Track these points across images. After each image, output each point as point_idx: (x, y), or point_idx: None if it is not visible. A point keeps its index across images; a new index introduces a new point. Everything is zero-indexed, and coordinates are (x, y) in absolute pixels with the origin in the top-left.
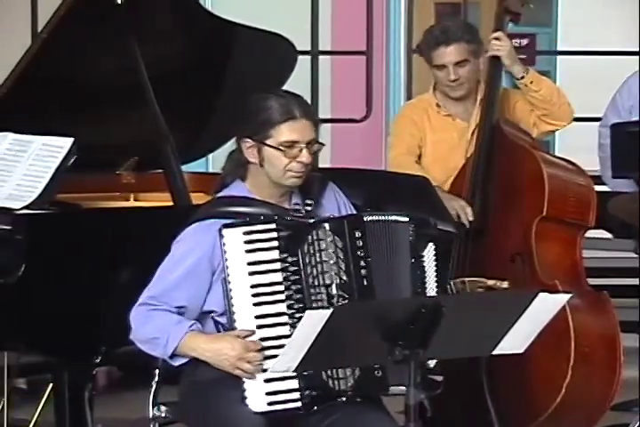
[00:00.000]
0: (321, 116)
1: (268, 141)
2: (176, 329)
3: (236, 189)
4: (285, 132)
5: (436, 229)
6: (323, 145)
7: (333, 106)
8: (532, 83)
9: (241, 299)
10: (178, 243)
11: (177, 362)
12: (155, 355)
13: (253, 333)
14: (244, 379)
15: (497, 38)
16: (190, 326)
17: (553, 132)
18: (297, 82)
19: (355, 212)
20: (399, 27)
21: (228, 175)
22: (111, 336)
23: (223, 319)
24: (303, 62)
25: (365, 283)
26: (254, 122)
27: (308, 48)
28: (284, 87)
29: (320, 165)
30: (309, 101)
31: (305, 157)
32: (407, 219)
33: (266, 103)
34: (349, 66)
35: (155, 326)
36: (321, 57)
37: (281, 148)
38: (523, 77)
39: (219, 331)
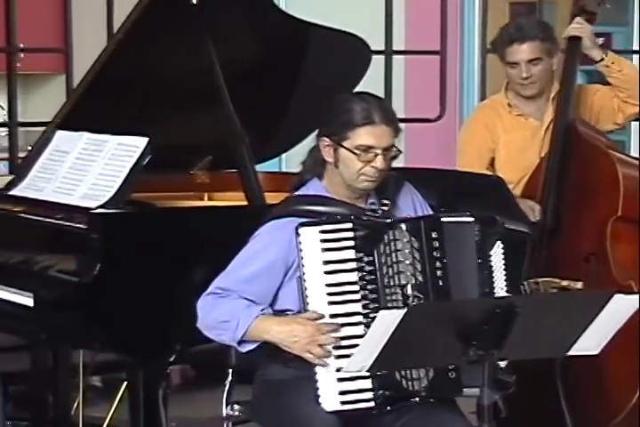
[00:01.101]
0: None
1: (344, 143)
2: (247, 312)
3: (313, 187)
4: (363, 135)
5: (503, 227)
6: (400, 152)
7: (407, 106)
8: (613, 63)
9: (316, 298)
10: (254, 239)
11: (245, 348)
12: (223, 341)
13: (323, 316)
14: (318, 378)
15: (577, 22)
16: (262, 310)
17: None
18: (370, 82)
19: (431, 212)
20: (473, 26)
21: (306, 172)
22: (185, 335)
23: None
24: (377, 62)
25: (441, 284)
26: (335, 122)
27: (382, 48)
28: (358, 87)
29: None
30: None
31: (379, 162)
32: (472, 219)
33: (349, 105)
34: (423, 65)
35: (224, 310)
36: (395, 57)
37: (356, 151)
38: (602, 59)
39: None
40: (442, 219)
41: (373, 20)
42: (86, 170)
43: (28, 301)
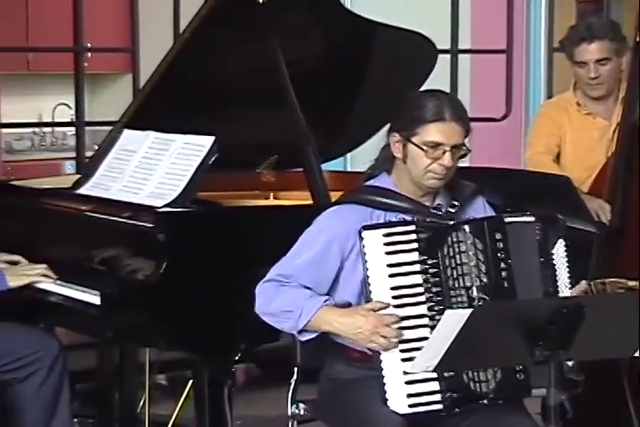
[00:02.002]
0: None
1: (413, 139)
2: (310, 303)
3: (382, 180)
4: (432, 132)
5: (565, 226)
6: (469, 151)
7: (473, 105)
8: None
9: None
10: (314, 224)
11: (304, 337)
12: (282, 328)
13: (388, 305)
14: (385, 381)
15: None
16: (325, 301)
17: None
18: (436, 81)
19: None
20: (540, 24)
21: (376, 167)
22: (250, 334)
23: None
24: (443, 61)
25: (506, 285)
26: (406, 117)
27: (448, 47)
28: (424, 87)
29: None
30: None
31: (447, 160)
32: (533, 218)
33: (421, 101)
34: (489, 64)
35: (286, 299)
36: (460, 55)
37: (424, 147)
38: None
39: None
40: (505, 220)
41: (439, 18)
42: (153, 169)
43: (94, 299)
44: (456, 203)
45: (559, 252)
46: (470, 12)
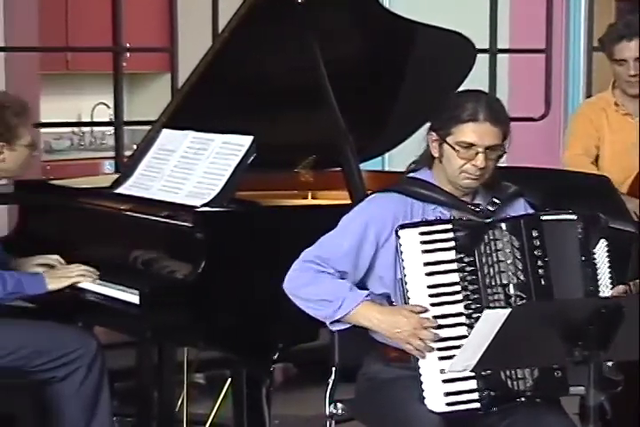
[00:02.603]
0: None
1: (448, 138)
2: (352, 295)
3: (423, 174)
4: (465, 132)
5: (607, 225)
6: (504, 152)
7: (511, 104)
8: None
9: (418, 299)
10: (354, 209)
11: (336, 327)
12: (314, 315)
13: (427, 310)
14: (422, 380)
15: None
16: (366, 296)
17: None
18: (475, 80)
19: None
20: (579, 24)
21: (418, 162)
22: (288, 333)
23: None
24: (481, 60)
25: (543, 282)
26: (443, 117)
27: (487, 46)
28: (462, 86)
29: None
30: None
31: (480, 160)
32: (575, 217)
33: (459, 101)
34: (528, 64)
35: (326, 288)
36: (499, 55)
37: (456, 147)
38: None
39: None
40: (541, 217)
41: (478, 18)
42: (191, 168)
43: (133, 298)
44: (496, 200)
45: (601, 251)
46: (509, 12)
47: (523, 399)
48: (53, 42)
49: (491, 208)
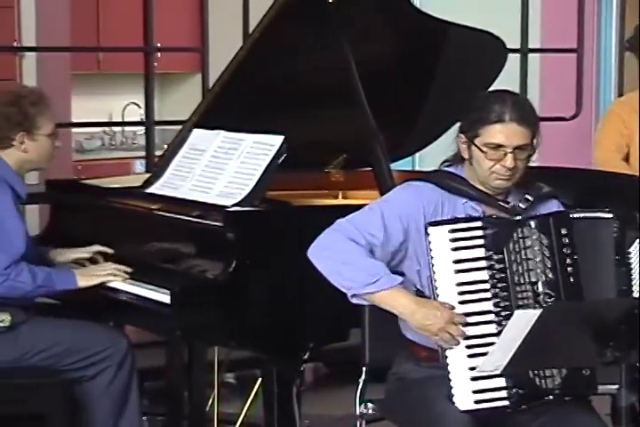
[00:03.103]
0: None
1: (476, 140)
2: (389, 277)
3: (456, 170)
4: (492, 133)
5: None
6: (533, 152)
7: (542, 104)
8: None
9: (447, 296)
10: (388, 194)
11: (356, 301)
12: (337, 283)
13: (454, 307)
14: (451, 377)
15: None
16: (401, 282)
17: None
18: (506, 80)
19: None
20: (611, 23)
21: (449, 160)
22: (319, 333)
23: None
24: (512, 60)
25: (572, 280)
26: (470, 119)
27: (518, 46)
28: (493, 86)
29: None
30: None
31: (509, 161)
32: (611, 215)
33: (486, 102)
34: (559, 64)
35: (361, 259)
36: (530, 55)
37: (484, 149)
38: None
39: None
40: (571, 215)
41: (509, 18)
42: (222, 168)
43: (164, 298)
44: (529, 198)
45: (636, 251)
46: (540, 11)
47: (551, 397)
48: (85, 42)
49: (522, 205)
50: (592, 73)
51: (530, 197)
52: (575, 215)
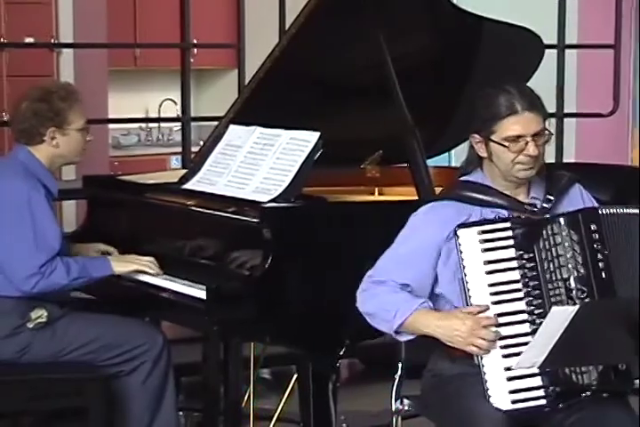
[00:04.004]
0: (566, 110)
1: (493, 137)
2: (406, 304)
3: (476, 176)
4: (508, 127)
5: None
6: (551, 134)
7: (579, 100)
8: None
9: (479, 298)
10: (411, 219)
11: (403, 338)
12: (381, 329)
13: (488, 308)
14: (487, 378)
15: None
16: (421, 304)
17: None
18: (543, 76)
19: None
20: None
21: (467, 165)
22: (354, 329)
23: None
24: (549, 56)
25: (604, 275)
26: (480, 118)
27: (555, 42)
28: (530, 82)
29: (565, 160)
30: (555, 96)
31: (532, 149)
32: (638, 211)
33: (491, 99)
34: (596, 59)
35: (383, 299)
36: (567, 50)
37: (505, 143)
38: None
39: None
40: (600, 211)
41: (546, 13)
42: (258, 164)
43: (200, 293)
44: (551, 197)
45: None
46: (577, 6)
47: (588, 394)
48: (122, 38)
49: (546, 205)
50: (629, 69)
51: (551, 197)
52: (604, 211)
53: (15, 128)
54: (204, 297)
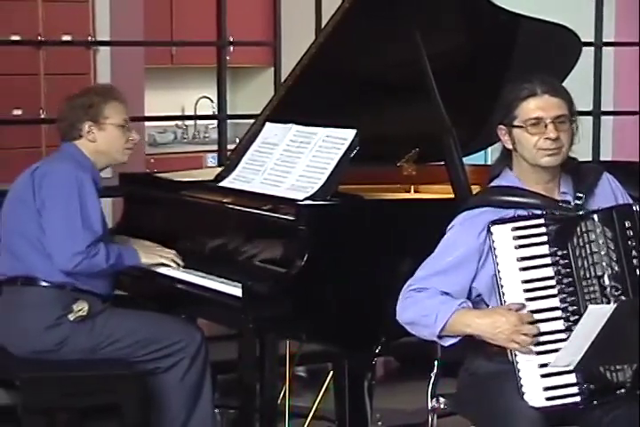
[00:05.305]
0: (603, 108)
1: (515, 122)
2: (445, 307)
3: (506, 178)
4: (527, 109)
5: None
6: (575, 119)
7: (616, 98)
8: None
9: (513, 295)
10: (448, 231)
11: (447, 342)
12: (423, 336)
13: (524, 306)
14: (521, 375)
15: None
16: (460, 304)
17: None
18: (580, 74)
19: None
20: None
21: (497, 165)
22: (391, 326)
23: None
24: (586, 54)
25: (639, 272)
26: (503, 104)
27: (592, 39)
28: (566, 81)
29: (602, 158)
30: (592, 94)
31: (551, 132)
32: None
33: (512, 87)
34: (633, 57)
35: (422, 306)
36: (604, 48)
37: (524, 125)
38: None
39: None
40: (634, 207)
41: (583, 11)
42: (294, 162)
43: (236, 291)
44: (580, 195)
45: None
46: (615, 4)
47: (622, 391)
48: (158, 36)
49: (579, 202)
50: None
51: (581, 194)
52: (639, 208)
53: (58, 126)
54: (240, 295)
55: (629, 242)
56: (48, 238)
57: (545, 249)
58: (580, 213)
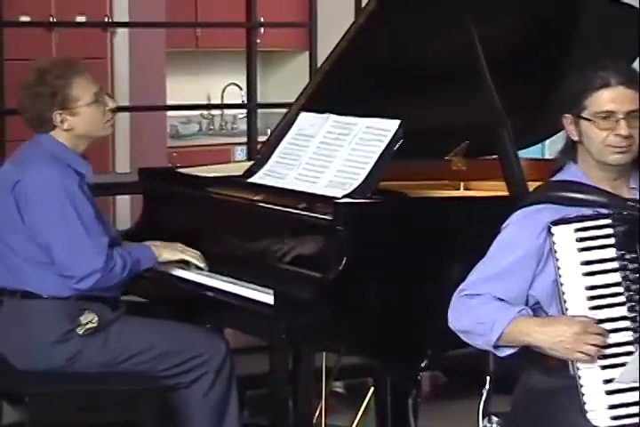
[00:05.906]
0: None
1: (583, 113)
2: (503, 314)
3: (569, 172)
4: (600, 101)
5: None
6: None
7: None
8: None
9: (576, 302)
10: (503, 230)
11: (503, 353)
12: (477, 345)
13: (591, 320)
14: (584, 391)
15: None
16: (519, 311)
17: None
18: None
19: None
20: None
21: (561, 157)
22: (438, 338)
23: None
24: None
25: None
26: (571, 92)
27: None
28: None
29: None
30: None
31: (623, 129)
32: None
33: (584, 73)
34: None
35: (477, 312)
36: None
37: (593, 119)
38: None
39: None
40: None
41: None
42: (332, 155)
43: (267, 298)
44: None
45: None
46: None
47: None
48: (182, 17)
49: None
50: None
51: None
52: None
53: (23, 118)
54: (272, 302)
55: None
56: (58, 262)
57: (612, 252)
58: None
